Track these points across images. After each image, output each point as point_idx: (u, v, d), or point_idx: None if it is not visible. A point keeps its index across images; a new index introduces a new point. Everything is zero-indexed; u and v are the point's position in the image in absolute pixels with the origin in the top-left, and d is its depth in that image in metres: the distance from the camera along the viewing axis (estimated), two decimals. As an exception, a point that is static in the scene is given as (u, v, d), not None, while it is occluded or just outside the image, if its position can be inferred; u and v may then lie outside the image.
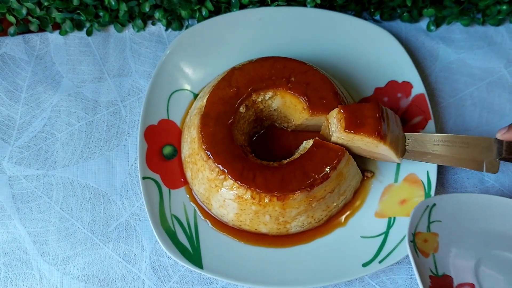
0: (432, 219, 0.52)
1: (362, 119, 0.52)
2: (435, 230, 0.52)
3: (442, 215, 0.53)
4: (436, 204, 0.53)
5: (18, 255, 0.57)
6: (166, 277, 0.56)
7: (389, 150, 0.53)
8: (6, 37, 0.67)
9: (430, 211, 0.52)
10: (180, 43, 0.63)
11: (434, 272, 0.50)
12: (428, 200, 0.53)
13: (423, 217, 0.52)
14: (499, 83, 0.65)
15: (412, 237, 0.51)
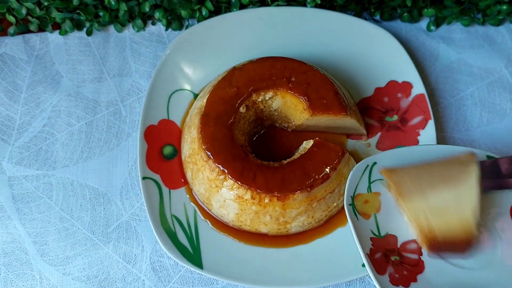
0: (373, 178, 0.51)
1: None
2: (377, 190, 0.51)
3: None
4: (376, 162, 0.52)
5: (18, 256, 0.57)
6: (166, 278, 0.56)
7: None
8: (6, 37, 0.67)
9: (370, 170, 0.51)
10: (180, 43, 0.63)
11: (376, 233, 0.49)
12: (368, 159, 0.52)
13: (363, 178, 0.51)
14: (499, 83, 0.65)
15: (351, 200, 0.50)
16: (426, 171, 0.51)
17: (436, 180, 0.50)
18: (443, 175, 0.50)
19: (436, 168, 0.51)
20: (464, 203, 0.49)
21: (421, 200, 0.49)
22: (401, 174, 0.51)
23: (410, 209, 0.49)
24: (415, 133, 0.60)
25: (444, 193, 0.49)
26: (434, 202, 0.49)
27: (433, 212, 0.49)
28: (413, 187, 0.50)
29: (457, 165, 0.51)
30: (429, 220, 0.48)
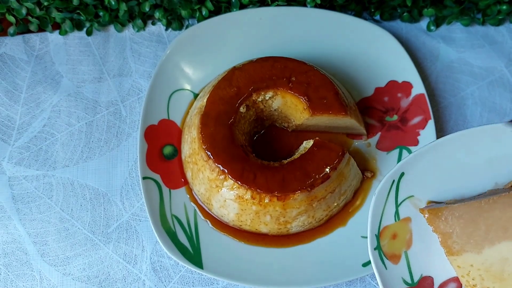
0: (401, 198, 0.42)
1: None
2: (407, 214, 0.42)
3: (414, 186, 0.43)
4: (404, 173, 0.42)
5: (18, 256, 0.57)
6: (166, 278, 0.56)
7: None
8: (5, 37, 0.67)
9: (397, 186, 0.42)
10: (180, 43, 0.63)
11: (408, 282, 0.42)
12: (393, 171, 0.42)
13: (388, 201, 0.42)
14: (500, 82, 0.66)
15: (376, 241, 0.41)
16: (481, 215, 0.41)
17: (495, 229, 0.40)
18: (503, 220, 0.40)
19: (495, 210, 0.41)
20: None
21: (475, 256, 0.40)
22: (450, 221, 0.41)
23: (460, 266, 0.41)
24: (415, 133, 0.60)
25: (503, 246, 0.40)
26: (491, 258, 0.40)
27: (490, 271, 0.40)
28: (466, 239, 0.40)
29: None
30: (483, 281, 0.40)
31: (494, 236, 0.40)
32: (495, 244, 0.40)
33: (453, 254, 0.41)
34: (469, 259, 0.40)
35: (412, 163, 0.43)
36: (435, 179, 0.44)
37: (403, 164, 0.43)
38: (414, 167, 0.43)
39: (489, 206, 0.40)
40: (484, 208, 0.40)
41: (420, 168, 0.43)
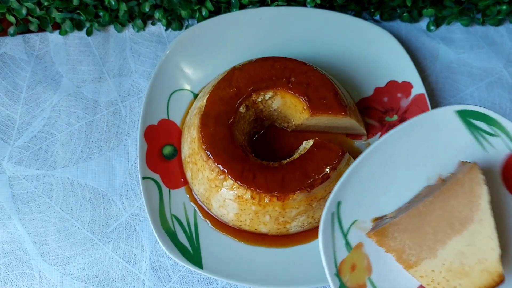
0: (345, 226, 0.42)
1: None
2: (357, 240, 0.42)
3: (354, 210, 0.42)
4: (341, 201, 0.43)
5: (18, 256, 0.57)
6: (166, 277, 0.56)
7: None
8: (6, 37, 0.67)
9: (338, 217, 0.42)
10: (180, 43, 0.63)
11: None
12: (328, 203, 0.42)
13: (336, 235, 0.41)
14: (499, 83, 0.66)
15: (338, 280, 0.40)
16: (424, 220, 0.41)
17: (441, 228, 0.41)
18: (446, 217, 0.41)
19: (435, 210, 0.41)
20: (480, 242, 0.41)
21: (432, 261, 0.40)
22: (398, 236, 0.41)
23: (423, 275, 0.41)
24: (415, 133, 0.60)
25: (455, 241, 0.41)
26: (448, 258, 0.40)
27: (451, 270, 0.40)
28: (418, 248, 0.40)
29: (460, 195, 0.41)
30: (449, 282, 0.40)
31: (443, 236, 0.41)
32: (446, 242, 0.41)
33: (412, 266, 0.41)
34: (428, 266, 0.40)
35: (345, 188, 0.44)
36: (371, 195, 0.44)
37: (336, 193, 0.43)
38: (348, 191, 0.44)
39: (428, 209, 0.41)
40: (424, 212, 0.41)
41: (353, 191, 0.44)
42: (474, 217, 0.41)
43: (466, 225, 0.41)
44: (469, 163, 0.42)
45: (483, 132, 0.45)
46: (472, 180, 0.41)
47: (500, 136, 0.45)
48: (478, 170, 0.42)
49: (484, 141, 0.46)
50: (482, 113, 0.45)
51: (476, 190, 0.41)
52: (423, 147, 0.45)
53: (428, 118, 0.45)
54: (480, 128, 0.45)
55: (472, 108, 0.45)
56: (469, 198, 0.41)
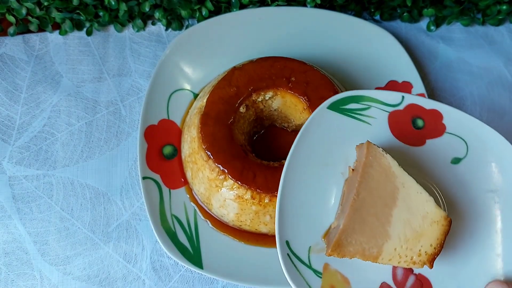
0: (305, 259, 0.43)
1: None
2: (321, 263, 0.43)
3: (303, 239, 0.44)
4: (289, 240, 0.43)
5: (19, 255, 0.57)
6: (166, 277, 0.56)
7: None
8: (5, 37, 0.67)
9: (294, 254, 0.43)
10: (180, 43, 0.63)
11: None
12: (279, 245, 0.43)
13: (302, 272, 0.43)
14: (499, 82, 0.66)
15: None
16: (362, 212, 0.42)
17: (380, 211, 0.42)
18: (376, 200, 0.43)
19: (364, 199, 0.43)
20: (414, 201, 0.43)
21: (389, 241, 0.42)
22: (350, 239, 0.42)
23: (391, 259, 0.42)
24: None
25: (396, 214, 0.43)
26: (400, 232, 0.42)
27: (408, 240, 0.42)
28: (373, 238, 0.42)
29: (374, 175, 0.43)
30: (412, 250, 0.42)
31: (384, 216, 0.42)
32: (390, 220, 0.42)
33: (377, 257, 0.42)
34: (389, 248, 0.42)
35: (284, 226, 0.44)
36: (308, 216, 0.45)
37: (280, 235, 0.44)
38: (288, 227, 0.44)
39: (359, 202, 0.42)
40: (358, 206, 0.42)
41: (292, 223, 0.45)
42: (396, 185, 0.43)
43: (395, 195, 0.43)
44: (363, 144, 0.44)
45: (358, 110, 0.48)
46: (375, 156, 0.43)
47: (372, 105, 0.48)
48: (373, 146, 0.44)
49: (364, 117, 0.48)
50: (346, 96, 0.48)
51: (383, 163, 0.43)
52: (323, 150, 0.47)
53: (312, 124, 0.47)
54: (354, 109, 0.48)
55: (335, 98, 0.48)
56: (383, 173, 0.43)
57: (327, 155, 0.46)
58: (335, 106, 0.47)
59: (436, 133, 0.48)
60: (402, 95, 0.48)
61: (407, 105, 0.48)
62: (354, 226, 0.42)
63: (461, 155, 0.47)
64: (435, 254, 0.42)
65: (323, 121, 0.47)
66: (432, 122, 0.48)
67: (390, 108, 0.48)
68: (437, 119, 0.48)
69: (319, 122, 0.47)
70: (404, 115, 0.48)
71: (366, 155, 0.43)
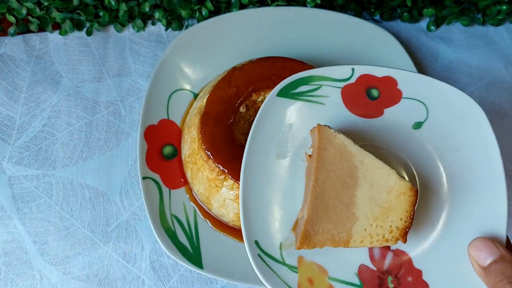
0: (277, 255, 0.42)
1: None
2: (295, 257, 0.42)
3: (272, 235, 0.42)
4: (257, 240, 0.42)
5: (18, 255, 0.57)
6: (166, 277, 0.56)
7: None
8: (5, 37, 0.67)
9: (264, 252, 0.42)
10: (180, 43, 0.63)
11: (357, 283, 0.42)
12: (250, 251, 0.42)
13: (276, 270, 0.42)
14: (499, 83, 0.66)
15: None
16: (324, 198, 0.41)
17: (342, 193, 0.41)
18: (337, 182, 0.41)
19: (324, 183, 0.41)
20: (376, 177, 0.41)
21: (357, 223, 0.41)
22: (317, 228, 0.40)
23: (363, 240, 0.41)
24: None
25: (359, 194, 0.41)
26: (365, 209, 0.41)
27: (375, 217, 0.41)
28: (340, 223, 0.41)
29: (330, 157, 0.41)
30: (382, 228, 0.41)
31: (347, 197, 0.41)
32: (354, 200, 0.41)
33: (349, 241, 0.40)
34: (359, 230, 0.41)
35: (251, 226, 0.43)
36: (274, 212, 0.44)
37: (247, 236, 0.43)
38: (255, 227, 0.43)
39: (319, 187, 0.41)
40: (319, 192, 0.41)
41: (258, 222, 0.43)
42: (355, 164, 0.41)
43: (355, 174, 0.41)
44: (315, 128, 0.43)
45: (309, 92, 0.46)
46: (327, 138, 0.42)
47: (322, 84, 0.46)
48: (324, 127, 0.42)
49: (316, 98, 0.46)
50: (294, 80, 0.46)
51: (337, 143, 0.41)
52: (280, 141, 0.45)
53: (264, 115, 0.45)
54: (305, 92, 0.46)
55: (283, 84, 0.45)
56: (338, 154, 0.41)
57: (284, 145, 0.44)
58: (285, 92, 0.45)
59: (393, 100, 0.45)
60: (352, 67, 0.46)
61: (358, 77, 0.46)
62: (318, 214, 0.40)
63: (421, 118, 0.45)
64: (406, 228, 0.40)
65: (275, 111, 0.45)
66: (387, 90, 0.45)
67: (341, 83, 0.46)
68: (392, 85, 0.45)
69: (271, 112, 0.45)
70: (357, 87, 0.46)
71: (319, 139, 0.41)
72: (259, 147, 0.44)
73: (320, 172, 0.41)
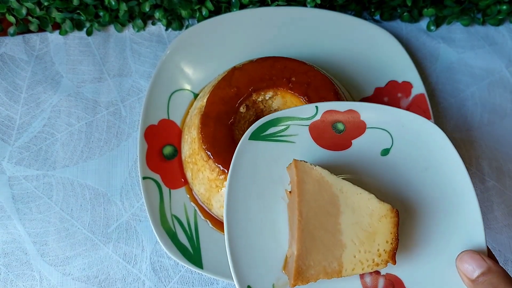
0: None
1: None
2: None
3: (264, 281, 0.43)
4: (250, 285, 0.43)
5: (18, 256, 0.57)
6: (166, 278, 0.56)
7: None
8: (6, 37, 0.67)
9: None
10: (180, 43, 0.63)
11: None
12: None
13: None
14: (500, 83, 0.65)
15: None
16: (310, 230, 0.41)
17: (326, 223, 0.42)
18: (319, 213, 0.42)
19: (308, 217, 0.42)
20: (356, 203, 0.42)
21: (346, 250, 0.41)
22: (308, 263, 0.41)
23: (353, 267, 0.41)
24: (415, 133, 0.60)
25: (343, 221, 0.42)
26: (351, 236, 0.41)
27: (362, 241, 0.41)
28: (330, 254, 0.41)
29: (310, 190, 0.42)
30: (370, 251, 0.41)
31: (332, 226, 0.41)
32: (339, 228, 0.41)
33: (341, 271, 0.41)
34: (348, 257, 0.41)
35: (242, 272, 0.43)
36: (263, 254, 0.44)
37: (240, 280, 0.43)
38: (246, 271, 0.43)
39: (304, 222, 0.41)
40: (304, 226, 0.41)
41: (249, 266, 0.43)
42: (334, 192, 0.42)
43: (336, 203, 0.42)
44: (291, 164, 0.44)
45: (279, 132, 0.48)
46: (305, 172, 0.43)
47: (290, 124, 0.48)
48: (300, 162, 0.43)
49: (286, 137, 0.48)
50: (263, 123, 0.47)
51: (315, 175, 0.43)
52: (258, 182, 0.46)
53: (239, 159, 0.46)
54: (274, 133, 0.48)
55: (253, 128, 0.47)
56: (317, 185, 0.42)
57: (263, 186, 0.46)
58: (256, 135, 0.47)
59: (359, 131, 0.48)
60: (315, 105, 0.48)
61: (323, 113, 0.48)
62: (307, 247, 0.41)
63: (387, 145, 0.47)
64: (393, 249, 0.41)
65: (249, 154, 0.46)
66: (351, 122, 0.48)
67: (307, 121, 0.48)
68: (355, 117, 0.48)
69: (246, 155, 0.46)
70: (323, 123, 0.48)
71: (297, 173, 0.43)
72: (238, 192, 0.45)
73: (303, 205, 0.42)
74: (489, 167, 0.61)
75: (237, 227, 0.44)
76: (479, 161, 0.62)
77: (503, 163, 0.62)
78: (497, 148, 0.62)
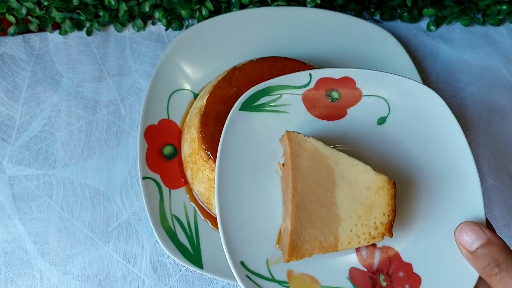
0: (265, 273, 0.41)
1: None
2: (284, 271, 0.41)
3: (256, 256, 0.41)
4: (243, 261, 0.41)
5: (18, 255, 0.57)
6: (166, 277, 0.56)
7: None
8: (5, 37, 0.67)
9: (252, 272, 0.41)
10: (180, 43, 0.63)
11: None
12: (237, 273, 0.40)
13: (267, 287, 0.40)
14: (499, 82, 0.66)
15: None
16: (305, 204, 0.40)
17: (322, 196, 0.40)
18: (315, 186, 0.40)
19: (302, 190, 0.40)
20: (353, 175, 0.40)
21: (342, 224, 0.40)
22: (303, 237, 0.39)
23: (349, 241, 0.40)
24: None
25: (339, 194, 0.40)
26: (347, 209, 0.40)
27: (358, 215, 0.40)
28: (325, 227, 0.40)
29: (304, 163, 0.41)
30: (367, 224, 0.40)
31: (328, 199, 0.40)
32: (335, 202, 0.40)
33: (337, 245, 0.40)
34: (345, 231, 0.40)
35: (234, 244, 0.42)
36: (256, 229, 0.42)
37: (232, 259, 0.41)
38: (239, 247, 0.42)
39: (298, 195, 0.40)
40: (298, 199, 0.40)
41: (242, 242, 0.42)
42: (330, 165, 0.41)
43: (332, 176, 0.41)
44: (284, 135, 0.42)
45: (271, 102, 0.46)
46: (298, 144, 0.41)
47: (283, 93, 0.46)
48: (293, 133, 0.41)
49: (279, 107, 0.46)
50: (254, 92, 0.45)
51: (309, 147, 0.41)
52: (249, 155, 0.44)
53: (229, 132, 0.44)
54: (266, 103, 0.46)
55: (244, 98, 0.45)
56: (312, 158, 0.41)
57: (255, 159, 0.44)
58: (247, 105, 0.45)
59: (354, 100, 0.46)
60: (309, 73, 0.46)
61: (317, 81, 0.46)
62: (302, 222, 0.39)
63: (384, 113, 0.45)
64: (390, 221, 0.40)
65: (240, 126, 0.44)
66: (346, 90, 0.46)
67: (301, 89, 0.46)
68: (351, 85, 0.46)
69: (236, 127, 0.44)
70: (317, 92, 0.46)
71: (290, 145, 0.41)
72: (230, 166, 0.43)
73: (297, 179, 0.40)
74: (488, 166, 0.62)
75: (229, 203, 0.42)
76: (478, 160, 0.62)
77: (502, 162, 0.62)
78: (496, 147, 0.62)
